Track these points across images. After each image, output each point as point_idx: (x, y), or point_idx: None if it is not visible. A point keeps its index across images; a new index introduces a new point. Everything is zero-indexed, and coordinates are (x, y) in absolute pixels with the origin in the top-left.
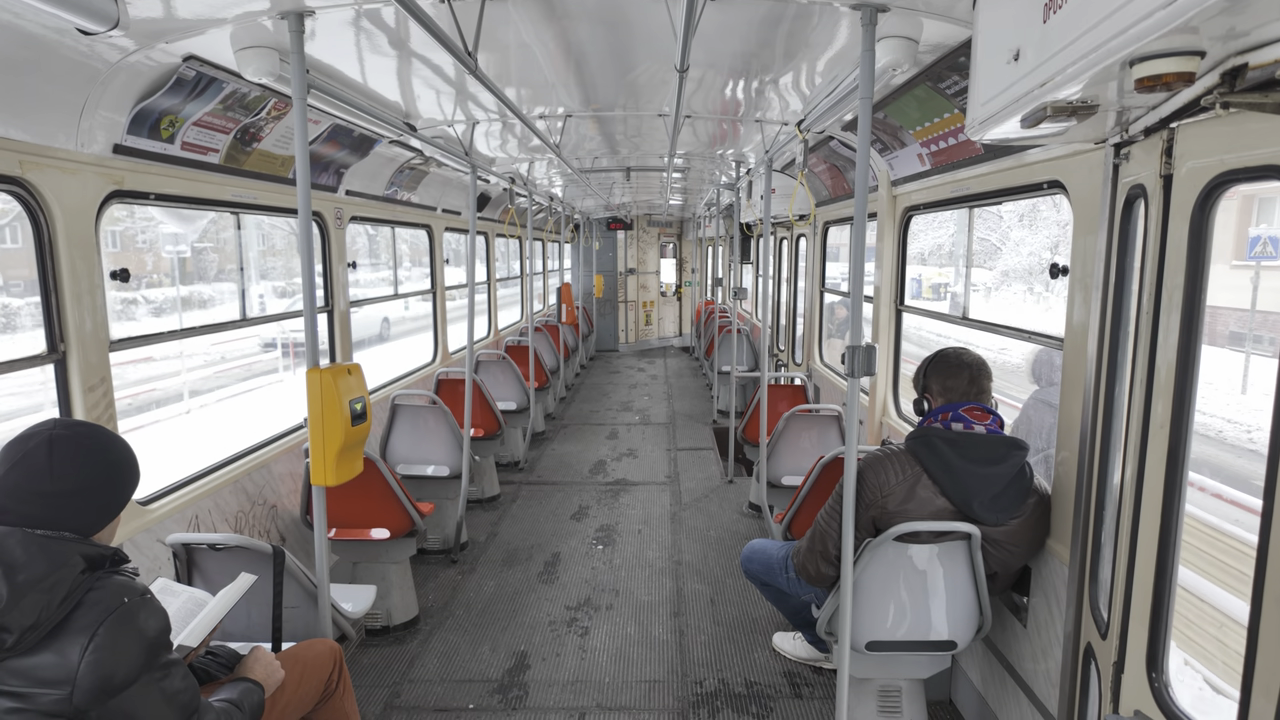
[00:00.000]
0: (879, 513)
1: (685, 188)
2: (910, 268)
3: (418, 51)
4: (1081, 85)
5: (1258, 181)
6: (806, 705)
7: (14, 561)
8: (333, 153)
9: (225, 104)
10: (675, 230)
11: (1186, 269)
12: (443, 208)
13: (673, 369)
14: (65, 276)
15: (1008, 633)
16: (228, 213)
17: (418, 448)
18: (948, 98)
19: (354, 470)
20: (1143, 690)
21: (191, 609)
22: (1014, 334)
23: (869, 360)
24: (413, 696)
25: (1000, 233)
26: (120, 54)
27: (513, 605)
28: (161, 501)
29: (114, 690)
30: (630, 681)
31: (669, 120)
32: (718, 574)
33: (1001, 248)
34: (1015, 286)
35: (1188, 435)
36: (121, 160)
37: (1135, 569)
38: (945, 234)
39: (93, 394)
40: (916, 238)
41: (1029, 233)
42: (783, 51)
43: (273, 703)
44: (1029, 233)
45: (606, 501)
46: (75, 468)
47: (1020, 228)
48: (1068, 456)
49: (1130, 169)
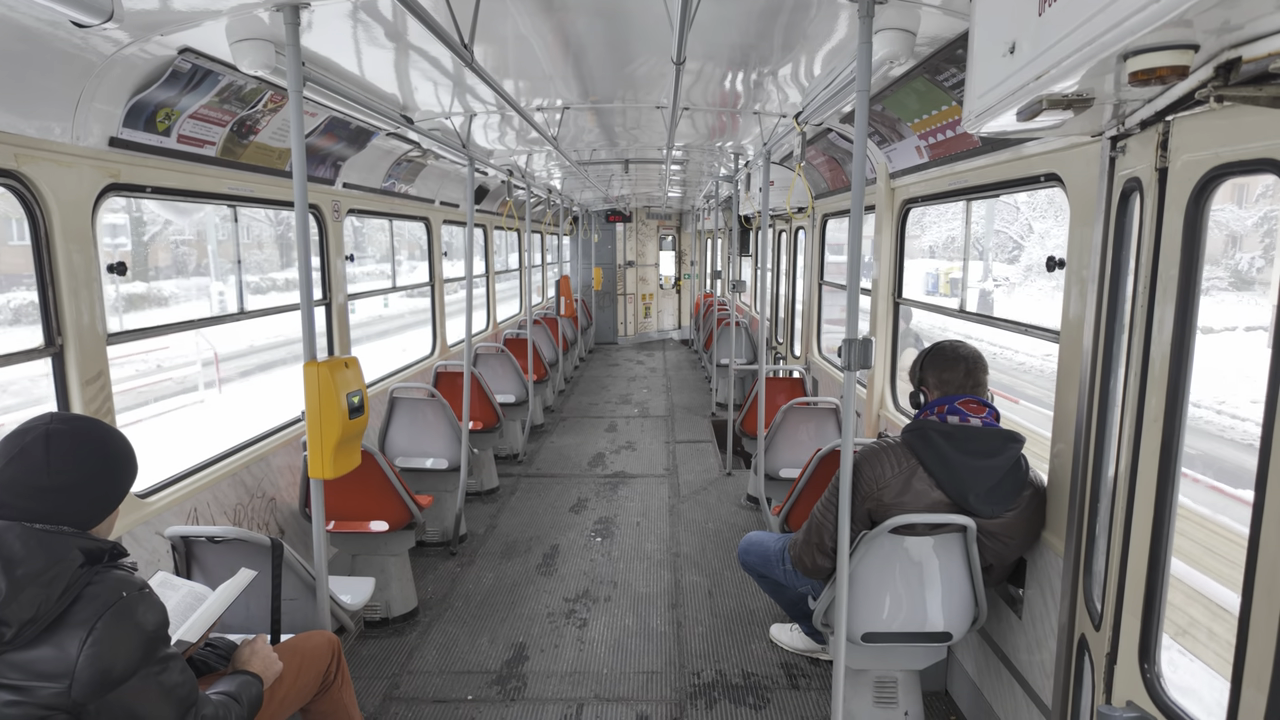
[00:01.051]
0: (875, 505)
1: (684, 180)
2: (927, 262)
3: (414, 44)
4: (1077, 78)
5: (1251, 174)
6: (803, 696)
7: (13, 556)
8: (330, 145)
9: (221, 97)
10: (674, 223)
11: (1181, 262)
12: (441, 200)
13: (672, 362)
14: (62, 270)
15: (1003, 624)
16: (225, 205)
17: (416, 440)
18: (945, 90)
19: (352, 463)
20: (1135, 681)
21: (191, 603)
22: (1010, 327)
23: (865, 353)
24: (412, 688)
25: (1020, 224)
26: (115, 47)
27: (511, 597)
28: (160, 495)
29: (112, 683)
30: (628, 673)
31: (667, 112)
32: (716, 566)
33: (1023, 242)
34: (1040, 282)
35: (1181, 427)
36: (117, 153)
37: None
38: (960, 225)
39: (91, 387)
40: (928, 230)
41: (1055, 224)
42: (780, 43)
43: (271, 694)
44: (1055, 224)
45: (605, 494)
46: (73, 462)
47: (1047, 218)
48: (1063, 449)
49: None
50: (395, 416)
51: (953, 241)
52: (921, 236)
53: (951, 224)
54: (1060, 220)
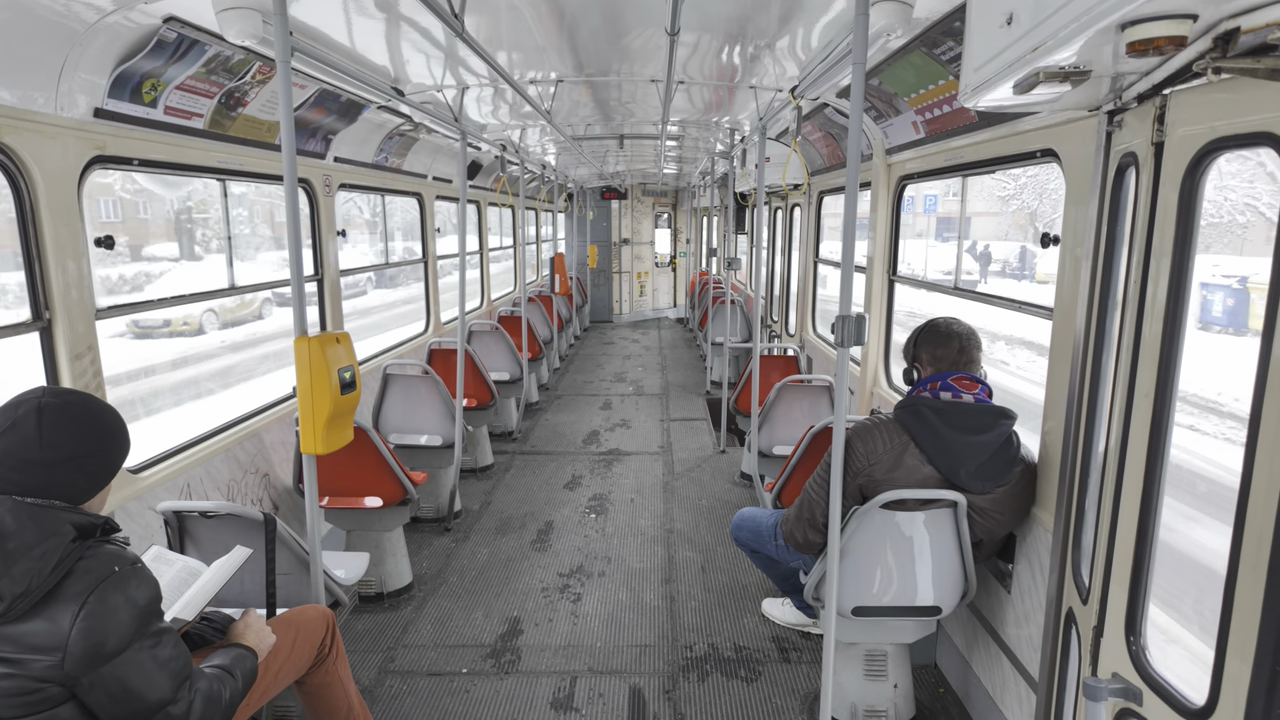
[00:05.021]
0: (866, 481)
1: (680, 156)
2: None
3: (404, 14)
4: (1074, 49)
5: (1248, 148)
6: (794, 669)
7: (4, 529)
8: (320, 118)
9: (208, 67)
10: (670, 200)
11: (1175, 237)
12: (433, 175)
13: (667, 340)
14: (49, 244)
15: (992, 599)
16: (213, 179)
17: (411, 417)
18: (943, 64)
19: (344, 439)
20: (1121, 653)
21: (185, 578)
22: (1004, 304)
23: (858, 330)
24: (407, 661)
25: (1051, 201)
26: (98, 14)
27: (506, 572)
28: (152, 470)
29: (105, 657)
30: (621, 646)
31: (662, 86)
32: (708, 542)
33: (1056, 217)
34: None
35: (1172, 403)
36: (103, 124)
37: (1116, 535)
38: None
39: (79, 362)
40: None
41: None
42: (777, 15)
43: (266, 667)
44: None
45: (599, 471)
46: (65, 436)
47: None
48: (1054, 426)
49: (1123, 136)
50: (389, 393)
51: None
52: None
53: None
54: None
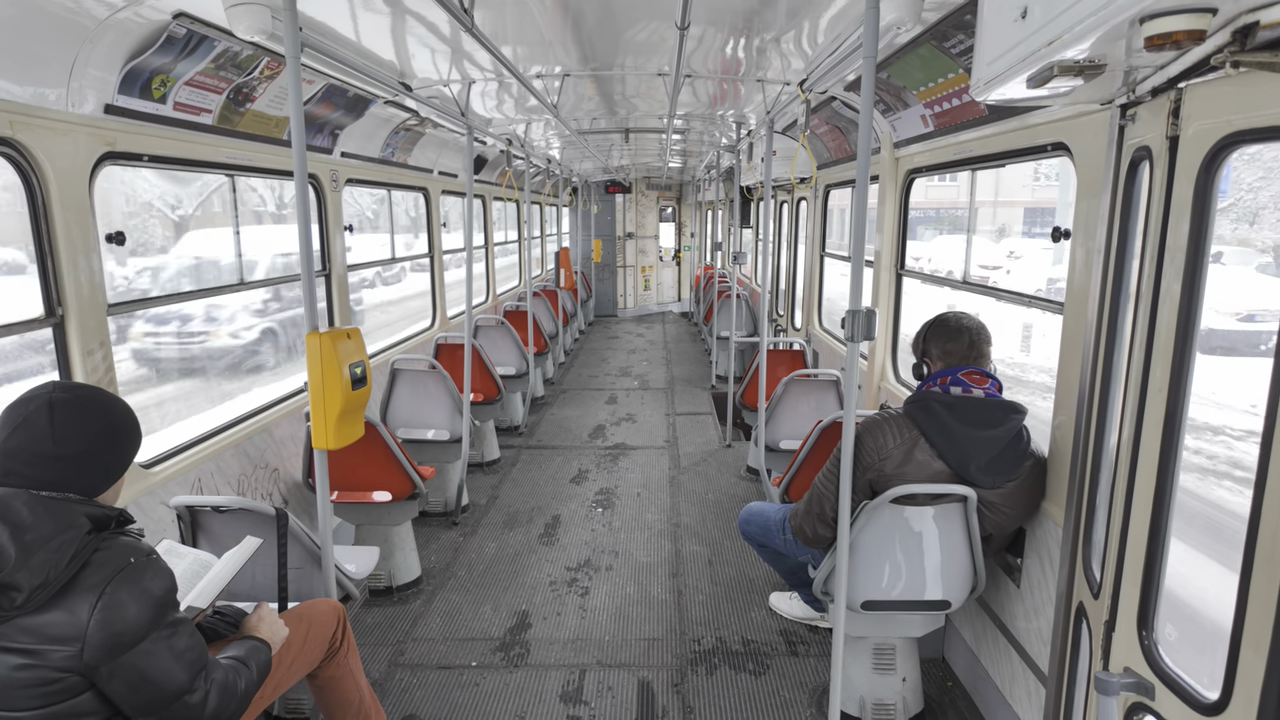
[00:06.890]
0: (876, 475)
1: (685, 150)
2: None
3: (412, 8)
4: (1090, 43)
5: (1265, 143)
6: (802, 663)
7: (21, 522)
8: (327, 114)
9: (217, 63)
10: (675, 194)
11: (1190, 232)
12: (439, 170)
13: (672, 334)
14: (61, 240)
15: (1001, 593)
16: (222, 175)
17: (418, 412)
18: (953, 57)
19: (355, 434)
20: (1133, 648)
21: (198, 570)
22: (1013, 298)
23: (868, 325)
24: (416, 654)
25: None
26: (108, 10)
27: (514, 566)
28: (164, 465)
29: (124, 647)
30: (629, 639)
31: (669, 80)
32: (715, 536)
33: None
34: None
35: (1186, 397)
36: (113, 121)
37: (1129, 530)
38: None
39: (92, 357)
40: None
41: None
42: (785, 9)
43: (279, 660)
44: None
45: (606, 465)
46: (76, 430)
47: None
48: (1065, 420)
49: (1136, 130)
50: (396, 388)
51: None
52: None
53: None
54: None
